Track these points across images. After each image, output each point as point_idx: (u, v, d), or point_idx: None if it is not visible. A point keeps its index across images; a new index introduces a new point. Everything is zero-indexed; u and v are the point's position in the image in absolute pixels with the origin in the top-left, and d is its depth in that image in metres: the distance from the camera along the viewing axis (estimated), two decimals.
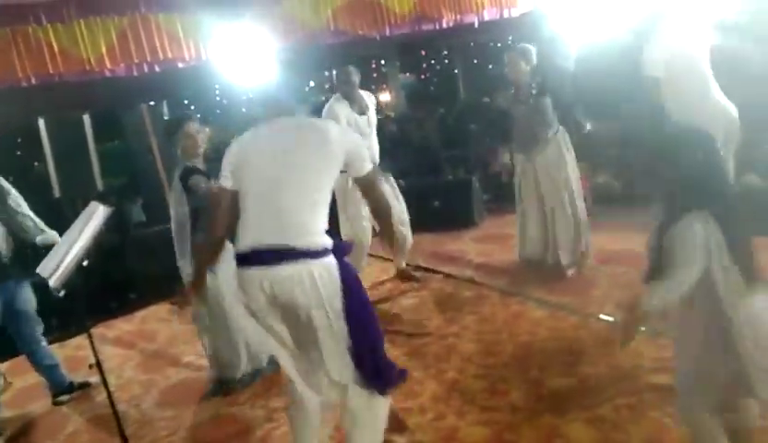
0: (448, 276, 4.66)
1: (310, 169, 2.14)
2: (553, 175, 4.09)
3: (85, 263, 2.67)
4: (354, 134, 2.38)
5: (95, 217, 2.64)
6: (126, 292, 5.41)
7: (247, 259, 2.10)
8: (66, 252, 2.53)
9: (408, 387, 3.06)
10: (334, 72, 4.31)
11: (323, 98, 5.41)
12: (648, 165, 2.01)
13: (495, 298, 4.05)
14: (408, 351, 3.49)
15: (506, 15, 7.29)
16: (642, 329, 2.05)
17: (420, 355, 3.41)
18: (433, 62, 8.65)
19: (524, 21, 7.33)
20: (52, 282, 2.47)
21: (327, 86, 4.28)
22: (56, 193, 5.10)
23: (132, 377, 3.93)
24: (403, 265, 4.74)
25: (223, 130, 7.95)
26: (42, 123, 5.23)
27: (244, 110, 7.97)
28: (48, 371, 3.64)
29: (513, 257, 4.58)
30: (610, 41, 5.36)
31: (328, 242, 2.11)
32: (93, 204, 2.72)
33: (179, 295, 3.02)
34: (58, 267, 2.50)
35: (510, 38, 9.25)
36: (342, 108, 4.15)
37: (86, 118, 6.61)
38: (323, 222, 2.14)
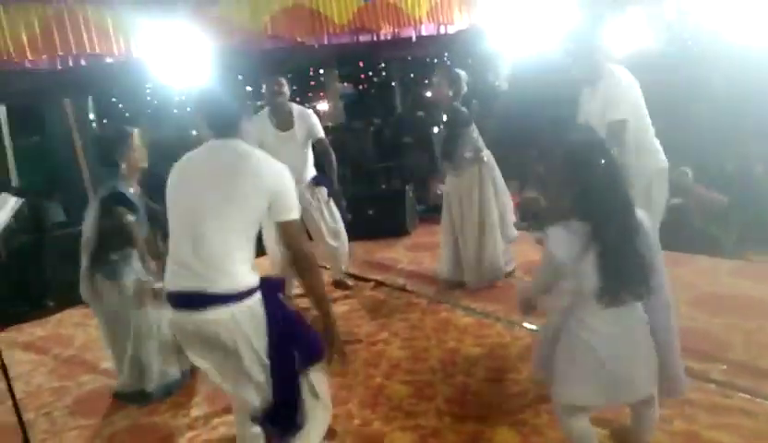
0: (379, 283, 4.69)
1: (230, 207, 1.97)
2: (464, 201, 4.18)
3: None
4: (286, 175, 2.08)
5: (4, 209, 2.47)
6: (41, 294, 5.11)
7: (171, 299, 2.02)
8: None
9: (336, 393, 3.05)
10: (263, 83, 4.11)
11: (258, 103, 5.32)
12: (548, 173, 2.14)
13: (424, 305, 4.11)
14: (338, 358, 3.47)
15: (443, 31, 7.47)
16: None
17: (349, 362, 3.40)
18: (371, 73, 8.73)
19: (460, 38, 7.55)
20: None
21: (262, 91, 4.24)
22: None
23: (42, 384, 3.71)
24: (338, 277, 4.70)
25: (154, 131, 7.68)
26: None
27: (175, 111, 7.76)
28: None
29: (441, 272, 4.64)
30: (543, 62, 5.60)
31: (252, 281, 1.98)
32: (3, 195, 2.55)
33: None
34: None
35: (447, 54, 9.51)
36: (257, 124, 3.93)
37: (1, 110, 6.25)
38: (246, 261, 2.00)
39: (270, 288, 2.04)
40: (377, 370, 3.26)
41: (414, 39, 7.32)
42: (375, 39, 7.05)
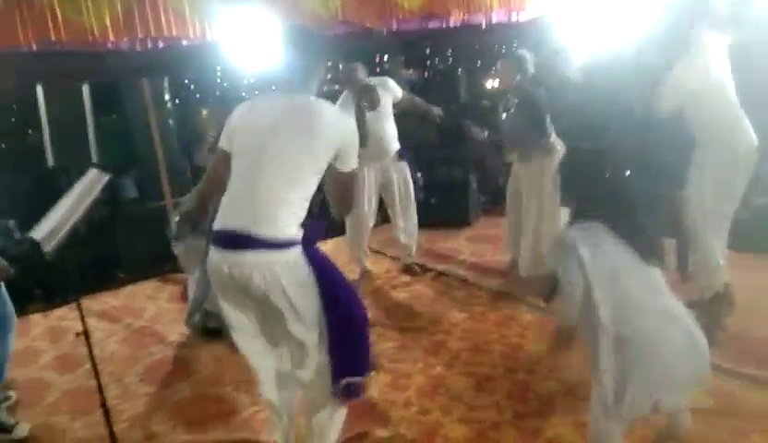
0: (441, 274, 4.66)
1: (292, 157, 2.00)
2: (527, 188, 4.08)
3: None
4: (352, 124, 2.18)
5: (94, 184, 2.59)
6: (113, 266, 5.36)
7: (216, 237, 2.06)
8: (64, 217, 2.47)
9: (395, 379, 3.06)
10: (340, 66, 4.20)
11: (336, 87, 5.32)
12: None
13: (486, 299, 4.05)
14: (398, 344, 3.49)
15: (513, 18, 7.28)
16: None
17: (409, 349, 3.41)
18: (437, 61, 8.60)
19: (531, 27, 7.33)
20: (46, 247, 2.40)
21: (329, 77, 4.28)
22: (50, 162, 5.02)
23: (115, 351, 3.89)
24: (407, 261, 4.77)
25: (223, 113, 7.84)
26: (39, 90, 5.16)
27: (244, 94, 7.92)
28: None
29: (506, 259, 4.58)
30: (618, 54, 5.34)
31: (294, 234, 2.01)
32: (93, 171, 2.66)
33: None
34: (54, 231, 2.42)
35: (516, 43, 9.25)
36: (348, 107, 4.02)
37: (85, 89, 6.54)
38: (298, 213, 2.03)
39: (309, 238, 2.06)
40: (436, 360, 3.24)
41: (483, 26, 7.17)
42: (444, 25, 6.96)
